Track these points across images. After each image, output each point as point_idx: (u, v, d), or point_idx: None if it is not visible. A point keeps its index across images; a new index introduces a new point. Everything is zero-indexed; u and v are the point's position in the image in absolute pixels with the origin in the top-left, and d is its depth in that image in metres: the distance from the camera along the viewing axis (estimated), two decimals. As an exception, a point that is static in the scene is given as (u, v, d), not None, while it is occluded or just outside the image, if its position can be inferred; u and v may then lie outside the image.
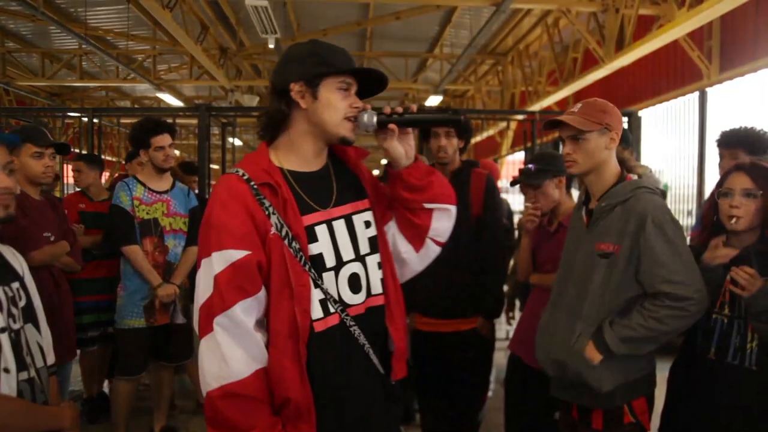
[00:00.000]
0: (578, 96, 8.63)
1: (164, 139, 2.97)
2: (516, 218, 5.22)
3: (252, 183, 1.29)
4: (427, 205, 1.47)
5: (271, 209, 1.28)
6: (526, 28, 8.60)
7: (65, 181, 7.16)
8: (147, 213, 2.96)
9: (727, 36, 5.74)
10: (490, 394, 3.92)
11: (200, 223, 1.43)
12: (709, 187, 5.58)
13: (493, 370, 3.66)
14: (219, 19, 8.35)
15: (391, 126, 1.38)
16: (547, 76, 8.90)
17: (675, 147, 6.48)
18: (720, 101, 5.93)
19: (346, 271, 1.36)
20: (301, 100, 1.33)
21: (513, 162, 12.72)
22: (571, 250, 1.92)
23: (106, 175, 12.56)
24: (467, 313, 2.67)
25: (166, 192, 3.05)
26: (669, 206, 1.88)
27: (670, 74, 6.66)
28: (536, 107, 8.54)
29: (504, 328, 5.69)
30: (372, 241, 1.43)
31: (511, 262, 4.57)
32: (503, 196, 4.29)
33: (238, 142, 12.88)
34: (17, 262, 1.53)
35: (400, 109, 1.38)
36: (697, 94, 6.13)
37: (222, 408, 1.23)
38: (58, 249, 2.62)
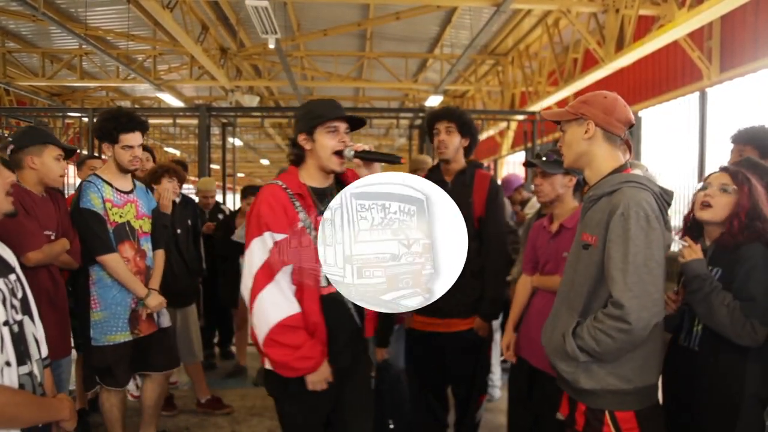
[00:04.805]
0: (578, 97, 8.63)
1: (134, 138, 2.69)
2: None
3: (288, 191, 1.92)
4: None
5: (300, 208, 1.90)
6: (527, 28, 8.61)
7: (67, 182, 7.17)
8: (120, 216, 2.69)
9: (727, 36, 5.74)
10: (497, 393, 3.92)
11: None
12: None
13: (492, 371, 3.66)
14: (219, 19, 8.35)
15: (356, 160, 1.99)
16: (548, 76, 8.90)
17: (675, 147, 6.48)
18: (720, 101, 5.93)
19: None
20: (305, 144, 1.96)
21: (513, 162, 12.73)
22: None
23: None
24: (464, 313, 2.65)
25: (131, 192, 2.79)
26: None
27: (670, 74, 6.66)
28: (536, 107, 8.54)
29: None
30: None
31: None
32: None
33: (238, 142, 12.88)
34: (8, 254, 1.54)
35: (361, 147, 1.97)
36: (697, 94, 6.13)
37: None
38: (57, 247, 2.50)
